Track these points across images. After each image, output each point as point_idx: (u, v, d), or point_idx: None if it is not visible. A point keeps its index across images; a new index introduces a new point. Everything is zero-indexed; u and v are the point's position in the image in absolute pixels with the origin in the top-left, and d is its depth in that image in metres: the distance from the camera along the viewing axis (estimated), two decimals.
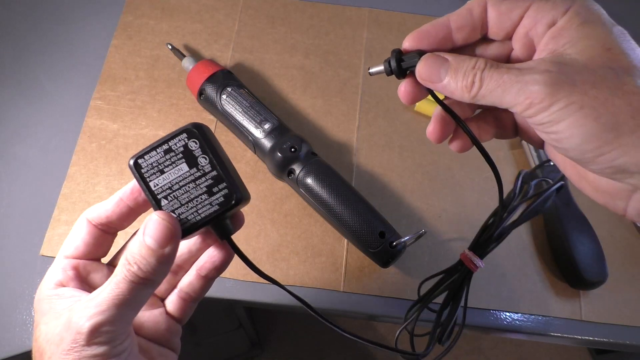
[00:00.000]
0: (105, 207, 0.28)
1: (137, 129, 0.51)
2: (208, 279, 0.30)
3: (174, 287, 0.31)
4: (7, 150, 0.50)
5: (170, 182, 0.26)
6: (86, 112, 0.52)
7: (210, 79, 0.48)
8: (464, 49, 0.27)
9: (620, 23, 0.24)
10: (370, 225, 0.43)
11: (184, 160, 0.26)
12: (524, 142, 0.52)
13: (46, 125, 0.51)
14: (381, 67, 0.28)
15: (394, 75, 0.27)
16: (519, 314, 0.45)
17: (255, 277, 0.45)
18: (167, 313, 0.30)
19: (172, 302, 0.31)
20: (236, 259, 0.30)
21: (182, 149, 0.26)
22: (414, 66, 0.26)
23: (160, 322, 0.30)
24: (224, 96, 0.48)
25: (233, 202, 0.26)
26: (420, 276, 0.41)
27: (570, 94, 0.21)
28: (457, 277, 0.34)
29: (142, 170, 0.26)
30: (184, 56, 0.52)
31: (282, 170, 0.46)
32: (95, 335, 0.23)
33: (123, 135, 0.51)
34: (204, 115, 0.52)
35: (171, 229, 0.24)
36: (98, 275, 0.28)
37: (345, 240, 0.47)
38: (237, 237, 0.31)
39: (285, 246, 0.47)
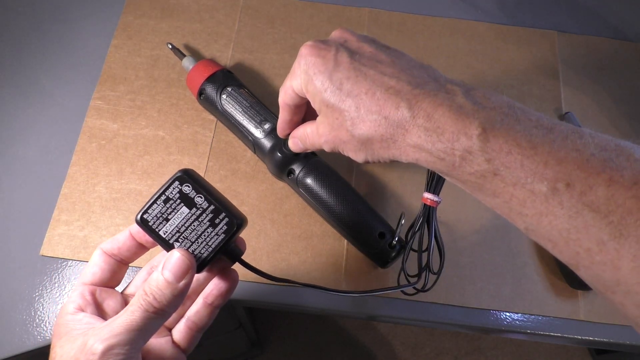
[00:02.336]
0: (117, 239, 0.31)
1: (137, 129, 0.51)
2: (214, 306, 0.33)
3: (181, 316, 0.33)
4: (7, 150, 0.50)
5: (176, 226, 0.29)
6: (86, 112, 0.52)
7: (210, 79, 0.48)
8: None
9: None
10: (369, 226, 0.43)
11: (182, 204, 0.29)
12: None
13: (46, 125, 0.51)
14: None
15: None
16: (519, 314, 0.45)
17: (255, 277, 0.45)
18: (173, 342, 0.32)
19: (179, 331, 0.32)
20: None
21: (178, 194, 0.29)
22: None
23: (166, 349, 0.31)
24: (224, 96, 0.48)
25: (235, 228, 0.29)
26: None
27: (335, 147, 0.32)
28: (425, 216, 0.42)
29: (150, 224, 0.29)
30: (184, 56, 0.52)
31: (282, 170, 0.45)
32: (107, 356, 0.25)
33: (123, 135, 0.51)
34: (204, 115, 0.52)
35: (188, 265, 0.27)
36: (112, 301, 0.30)
37: (345, 240, 0.47)
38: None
39: (285, 246, 0.47)
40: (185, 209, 0.29)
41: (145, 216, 0.29)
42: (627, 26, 0.60)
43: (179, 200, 0.29)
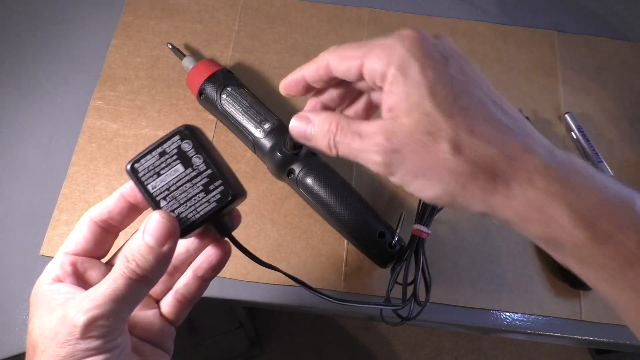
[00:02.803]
0: (107, 203, 0.28)
1: (137, 129, 0.51)
2: (204, 279, 0.31)
3: (169, 288, 0.31)
4: (7, 150, 0.50)
5: (167, 183, 0.26)
6: (86, 112, 0.52)
7: (210, 79, 0.48)
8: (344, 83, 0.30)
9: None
10: (369, 226, 0.43)
11: (179, 161, 0.27)
12: None
13: (46, 125, 0.51)
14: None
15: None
16: (519, 314, 0.45)
17: (255, 277, 0.45)
18: (161, 314, 0.31)
19: (167, 304, 0.31)
20: (237, 257, 0.31)
21: (176, 150, 0.27)
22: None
23: (154, 322, 0.30)
24: (223, 96, 0.48)
25: (229, 198, 0.27)
26: None
27: (400, 165, 0.24)
28: (414, 248, 0.42)
29: (139, 175, 0.26)
30: (184, 56, 0.52)
31: (282, 170, 0.45)
32: (90, 329, 0.23)
33: (123, 135, 0.51)
34: (204, 115, 0.52)
35: (170, 228, 0.25)
36: (95, 272, 0.28)
37: (345, 240, 0.47)
38: (238, 238, 0.31)
39: (285, 246, 0.47)
40: (180, 167, 0.26)
41: (136, 165, 0.26)
42: (627, 26, 0.60)
43: (175, 156, 0.26)
